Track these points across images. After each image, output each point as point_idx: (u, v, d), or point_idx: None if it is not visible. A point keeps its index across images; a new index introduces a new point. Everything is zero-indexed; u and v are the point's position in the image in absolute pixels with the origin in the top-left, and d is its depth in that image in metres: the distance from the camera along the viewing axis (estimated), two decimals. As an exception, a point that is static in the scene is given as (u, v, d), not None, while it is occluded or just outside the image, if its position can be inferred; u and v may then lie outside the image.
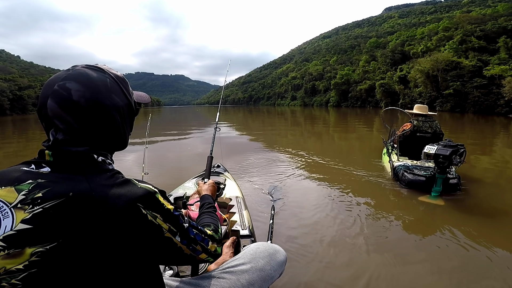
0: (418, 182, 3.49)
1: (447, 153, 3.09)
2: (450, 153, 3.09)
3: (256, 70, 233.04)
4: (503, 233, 2.51)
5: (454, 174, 3.47)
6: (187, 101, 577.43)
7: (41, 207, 0.55)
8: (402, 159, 4.21)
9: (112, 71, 0.71)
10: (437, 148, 3.17)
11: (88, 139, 0.65)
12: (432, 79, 35.94)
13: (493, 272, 1.94)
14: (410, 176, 3.57)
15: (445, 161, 3.13)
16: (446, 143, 3.23)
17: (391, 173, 4.11)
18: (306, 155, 6.00)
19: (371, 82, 52.28)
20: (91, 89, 0.63)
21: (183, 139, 9.92)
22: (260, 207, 3.08)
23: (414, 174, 3.57)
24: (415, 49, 49.41)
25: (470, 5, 74.69)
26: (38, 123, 7.16)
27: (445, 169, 3.20)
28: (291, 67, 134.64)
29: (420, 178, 3.48)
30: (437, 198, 3.24)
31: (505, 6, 44.75)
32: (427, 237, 2.48)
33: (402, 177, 3.66)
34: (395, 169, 3.91)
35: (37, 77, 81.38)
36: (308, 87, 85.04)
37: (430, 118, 4.32)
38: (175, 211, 0.68)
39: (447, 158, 3.10)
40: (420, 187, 3.46)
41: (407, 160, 4.14)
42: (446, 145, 3.18)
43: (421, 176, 3.49)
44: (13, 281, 0.53)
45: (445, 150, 3.12)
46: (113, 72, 0.71)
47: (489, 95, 27.61)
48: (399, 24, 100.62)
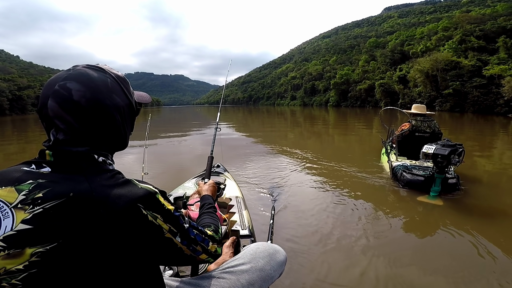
0: (416, 182, 3.49)
1: (446, 153, 3.09)
2: (449, 153, 3.09)
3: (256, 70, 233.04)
4: (502, 233, 2.51)
5: (453, 174, 3.47)
6: (187, 101, 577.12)
7: (41, 207, 0.55)
8: (400, 159, 4.21)
9: (113, 71, 0.71)
10: (435, 147, 3.17)
11: (88, 139, 0.65)
12: (432, 79, 35.94)
13: (492, 272, 1.94)
14: (408, 176, 3.57)
15: (443, 160, 3.13)
16: (444, 142, 3.23)
17: (389, 173, 4.12)
18: (305, 155, 6.00)
19: (370, 82, 52.21)
20: (91, 89, 0.63)
21: (183, 139, 9.92)
22: (260, 207, 3.08)
23: (412, 174, 3.57)
24: (414, 49, 49.40)
25: (469, 5, 74.64)
26: (38, 124, 7.24)
27: (443, 169, 3.21)
28: (290, 67, 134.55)
29: (419, 178, 3.48)
30: (435, 198, 3.24)
31: (505, 6, 44.76)
32: (425, 238, 2.48)
33: (401, 177, 3.66)
34: (393, 169, 3.91)
35: (37, 77, 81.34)
36: (307, 87, 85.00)
37: (428, 117, 4.32)
38: (176, 212, 0.68)
39: (445, 158, 3.10)
40: (419, 187, 3.46)
41: (406, 160, 4.14)
42: (445, 144, 3.18)
43: (420, 176, 3.49)
44: (13, 281, 0.53)
45: (443, 149, 3.12)
46: (114, 72, 0.71)
47: (488, 95, 27.61)
48: (398, 24, 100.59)
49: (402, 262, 2.06)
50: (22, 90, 58.79)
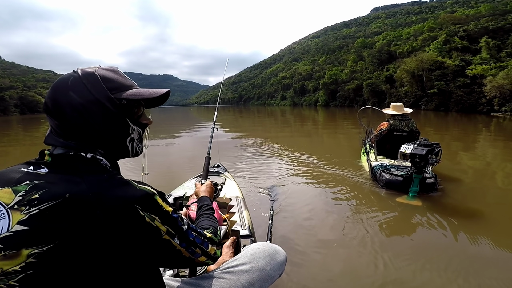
0: (395, 182, 3.44)
1: (423, 153, 3.05)
2: (426, 153, 3.05)
3: (246, 70, 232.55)
4: (478, 232, 2.48)
5: (431, 174, 3.44)
6: (176, 102, 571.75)
7: (37, 208, 0.54)
8: (380, 158, 4.17)
9: (86, 69, 0.69)
10: (413, 147, 3.13)
11: (67, 137, 0.65)
12: (418, 79, 36.63)
13: (470, 270, 1.95)
14: (387, 176, 3.53)
15: (421, 160, 3.09)
16: (422, 142, 3.19)
17: (369, 173, 4.07)
18: (300, 155, 6.00)
19: (358, 81, 52.76)
20: (53, 88, 0.66)
21: (183, 139, 10.11)
22: (259, 207, 3.06)
23: (391, 174, 3.52)
24: (401, 49, 50.17)
25: (454, 6, 76.27)
26: (21, 125, 7.05)
27: (421, 168, 3.17)
28: (280, 67, 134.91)
29: (398, 178, 3.44)
30: (414, 198, 3.20)
31: (487, 6, 45.98)
32: (408, 238, 2.47)
33: (380, 177, 3.62)
34: (373, 169, 3.87)
35: (19, 77, 79.02)
36: (297, 87, 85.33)
37: (406, 117, 4.30)
38: (174, 213, 0.68)
39: (423, 158, 3.06)
40: (398, 187, 3.42)
41: (385, 160, 4.10)
42: (422, 144, 3.14)
43: (398, 176, 3.45)
44: (10, 282, 0.53)
45: (421, 149, 3.08)
46: (85, 70, 0.68)
47: (471, 94, 28.35)
48: (386, 25, 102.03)
49: (399, 261, 2.07)
50: (4, 90, 56.92)
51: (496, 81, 23.88)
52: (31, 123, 24.47)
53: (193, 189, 2.23)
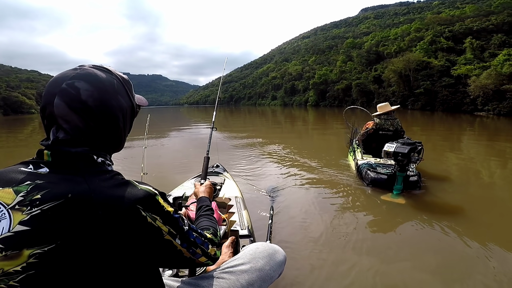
0: (380, 180, 3.51)
1: (406, 151, 3.12)
2: (409, 151, 3.12)
3: (237, 70, 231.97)
4: (460, 226, 2.56)
5: (415, 172, 3.51)
6: (165, 102, 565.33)
7: (39, 208, 0.54)
8: (366, 157, 4.24)
9: (119, 73, 0.73)
10: (396, 146, 3.19)
11: (90, 139, 0.64)
12: (405, 79, 37.34)
13: (453, 264, 2.00)
14: (372, 174, 3.59)
15: (404, 159, 3.15)
16: (404, 141, 3.26)
17: (355, 171, 4.13)
18: (292, 155, 6.04)
19: (347, 82, 53.41)
20: (99, 89, 0.64)
21: (182, 138, 10.15)
22: (259, 207, 3.05)
23: (376, 173, 3.58)
24: (389, 50, 51.00)
25: (440, 7, 77.94)
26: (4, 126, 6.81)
27: (405, 167, 3.23)
28: (271, 67, 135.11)
29: (382, 176, 3.51)
30: (398, 196, 3.26)
31: (472, 7, 47.18)
32: (393, 234, 2.53)
33: (366, 175, 3.68)
34: (359, 168, 3.93)
35: (2, 77, 76.47)
36: (287, 87, 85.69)
37: (391, 116, 4.39)
38: (175, 214, 0.68)
39: (405, 156, 3.13)
40: (383, 185, 3.48)
41: (370, 158, 4.17)
42: (405, 143, 3.20)
43: (383, 175, 3.51)
44: (11, 282, 0.53)
45: (403, 148, 3.14)
46: (120, 74, 0.73)
47: (456, 94, 29.06)
48: (374, 25, 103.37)
49: (394, 259, 2.11)
50: (-14, 91, 55.10)
51: (479, 81, 24.54)
52: (14, 124, 23.79)
53: (192, 189, 2.24)
